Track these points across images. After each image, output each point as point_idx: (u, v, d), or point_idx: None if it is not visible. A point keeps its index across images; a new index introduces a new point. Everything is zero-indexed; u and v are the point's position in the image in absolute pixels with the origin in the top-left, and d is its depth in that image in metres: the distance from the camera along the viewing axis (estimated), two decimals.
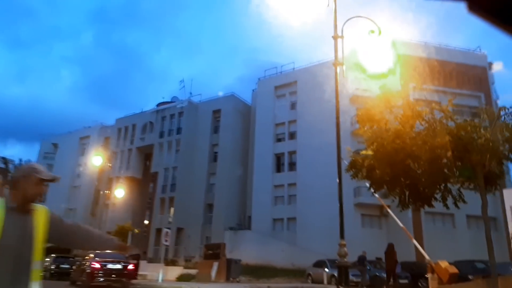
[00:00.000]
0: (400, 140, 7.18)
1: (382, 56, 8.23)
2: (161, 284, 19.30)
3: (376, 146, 7.73)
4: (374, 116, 7.71)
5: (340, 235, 8.42)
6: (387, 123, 7.59)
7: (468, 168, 6.87)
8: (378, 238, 29.11)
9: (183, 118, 41.76)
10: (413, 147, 7.04)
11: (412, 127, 7.30)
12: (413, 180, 8.16)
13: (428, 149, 6.74)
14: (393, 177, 8.05)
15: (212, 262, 22.40)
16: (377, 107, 7.62)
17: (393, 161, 7.49)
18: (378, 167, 7.92)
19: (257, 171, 35.67)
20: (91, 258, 15.47)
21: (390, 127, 7.49)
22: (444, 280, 11.00)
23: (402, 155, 7.24)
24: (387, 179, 8.21)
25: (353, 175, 8.89)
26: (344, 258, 8.29)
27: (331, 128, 33.76)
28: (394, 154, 7.30)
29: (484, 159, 6.90)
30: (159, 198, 40.48)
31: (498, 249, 29.27)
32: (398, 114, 7.45)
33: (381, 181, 8.38)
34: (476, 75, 33.13)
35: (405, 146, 7.22)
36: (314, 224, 29.88)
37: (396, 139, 7.20)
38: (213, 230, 36.55)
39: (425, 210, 28.48)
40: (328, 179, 30.00)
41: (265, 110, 37.25)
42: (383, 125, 7.63)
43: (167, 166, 40.92)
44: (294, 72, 37.22)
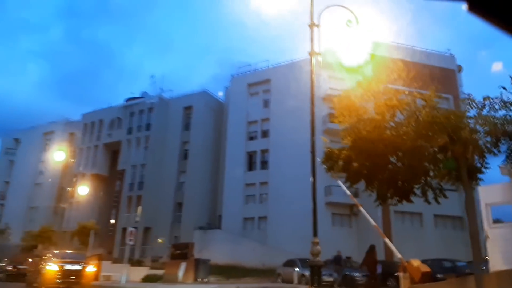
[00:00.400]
0: (379, 130, 6.82)
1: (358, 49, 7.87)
2: (124, 285, 18.42)
3: (354, 136, 7.34)
4: (352, 105, 7.30)
5: (313, 232, 8.00)
6: (366, 112, 7.20)
7: (451, 160, 6.58)
8: (348, 237, 29.22)
9: (153, 114, 40.59)
10: (394, 137, 6.69)
11: (393, 117, 6.94)
12: (392, 173, 7.83)
13: (411, 138, 6.40)
14: (371, 170, 7.70)
15: (180, 262, 21.64)
16: (355, 96, 7.20)
17: (372, 153, 7.12)
18: (355, 159, 7.53)
19: (229, 169, 35.09)
20: (48, 258, 14.45)
21: (369, 116, 7.10)
22: (416, 279, 10.82)
23: (382, 146, 6.88)
24: (365, 172, 7.86)
25: (328, 168, 8.45)
26: (317, 257, 7.89)
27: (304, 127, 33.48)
28: (373, 145, 6.94)
29: (467, 151, 6.65)
30: (126, 196, 39.17)
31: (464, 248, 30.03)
32: (378, 102, 7.08)
33: (358, 174, 8.01)
34: (445, 77, 33.81)
35: (385, 137, 6.87)
36: (286, 223, 29.62)
37: (375, 129, 6.83)
38: (182, 230, 35.69)
39: (394, 209, 29.12)
40: (300, 178, 29.92)
41: (238, 108, 36.71)
42: (362, 114, 7.24)
43: (135, 163, 39.66)
44: (268, 70, 36.87)
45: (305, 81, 32.09)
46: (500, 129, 6.55)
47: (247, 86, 37.30)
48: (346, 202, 29.71)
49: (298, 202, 28.74)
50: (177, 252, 22.88)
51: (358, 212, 30.09)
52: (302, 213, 29.03)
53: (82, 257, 14.28)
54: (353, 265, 20.78)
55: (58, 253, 13.82)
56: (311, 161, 9.15)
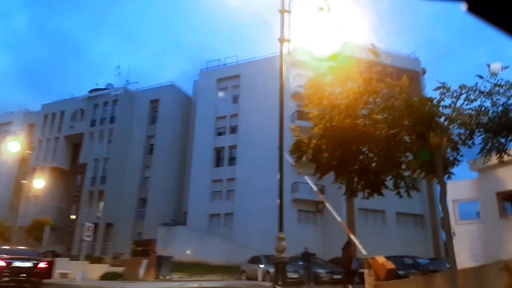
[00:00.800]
0: (352, 118, 6.57)
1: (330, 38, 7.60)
2: (79, 283, 17.52)
3: (325, 124, 7.05)
4: (324, 90, 7.01)
5: (279, 227, 7.72)
6: (338, 99, 6.92)
7: (426, 151, 6.41)
8: (313, 234, 29.38)
9: (117, 107, 39.18)
10: (367, 126, 6.46)
11: (366, 104, 6.71)
12: (364, 165, 7.64)
13: (387, 126, 6.19)
14: (342, 160, 7.46)
15: (141, 259, 20.92)
16: (327, 81, 6.89)
17: (343, 142, 6.87)
18: (325, 149, 7.26)
19: (196, 165, 34.45)
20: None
21: (341, 103, 6.83)
22: (381, 277, 10.77)
23: (354, 135, 6.64)
24: (335, 163, 7.61)
25: (297, 158, 8.15)
26: (282, 253, 7.60)
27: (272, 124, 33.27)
28: (344, 134, 6.68)
29: (442, 141, 6.50)
30: (87, 191, 37.65)
31: (424, 246, 30.87)
32: (351, 89, 6.82)
33: (328, 165, 7.75)
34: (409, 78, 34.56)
35: (358, 125, 6.64)
36: (252, 220, 29.43)
37: (347, 117, 6.57)
38: (146, 226, 34.73)
39: (358, 207, 29.54)
40: (268, 175, 29.77)
41: (206, 103, 36.07)
42: (334, 100, 6.95)
43: (98, 157, 38.18)
44: (238, 65, 36.45)
45: (274, 77, 31.58)
46: (475, 121, 6.47)
47: (216, 81, 36.73)
48: (312, 199, 29.89)
49: (265, 199, 28.60)
50: (139, 249, 22.14)
51: (324, 209, 30.34)
52: (268, 209, 28.92)
53: (33, 253, 13.36)
54: (318, 262, 20.78)
55: (7, 249, 12.85)
56: (278, 157, 8.91)
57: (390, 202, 30.13)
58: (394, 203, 30.51)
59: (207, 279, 22.72)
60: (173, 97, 39.36)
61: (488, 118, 6.45)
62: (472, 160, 8.50)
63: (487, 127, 6.45)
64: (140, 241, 24.87)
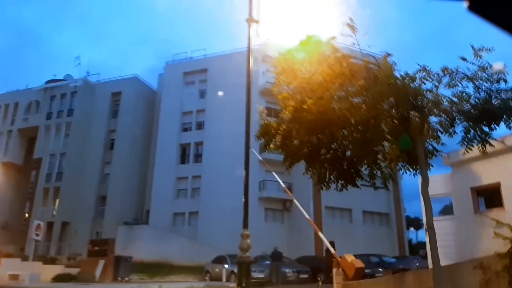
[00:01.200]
0: (325, 100, 5.86)
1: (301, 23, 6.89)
2: (27, 286, 16.09)
3: (295, 106, 6.30)
4: (295, 69, 6.25)
5: (244, 224, 6.95)
6: (310, 79, 6.18)
7: (406, 138, 5.81)
8: (280, 233, 28.90)
9: (76, 99, 37.05)
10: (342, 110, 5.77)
11: (341, 85, 6.01)
12: (337, 153, 6.96)
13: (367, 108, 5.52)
14: (314, 148, 6.75)
15: (98, 260, 19.66)
16: (298, 61, 6.15)
17: (315, 127, 6.16)
18: (296, 134, 6.52)
19: (159, 161, 33.13)
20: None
21: (315, 82, 6.11)
22: (349, 276, 10.24)
23: (327, 119, 5.93)
24: (306, 151, 6.88)
25: (264, 144, 7.37)
26: (246, 252, 6.84)
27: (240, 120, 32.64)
28: (317, 118, 5.97)
29: (423, 127, 5.93)
30: (42, 188, 35.38)
31: (389, 244, 31.08)
32: (325, 68, 6.11)
33: (299, 153, 7.01)
34: None
35: (331, 108, 5.93)
36: (218, 219, 28.57)
37: (320, 99, 5.85)
38: (105, 225, 33.03)
39: (325, 205, 29.33)
40: (235, 172, 28.91)
41: (172, 97, 34.78)
42: (306, 80, 6.20)
43: (54, 152, 35.96)
44: (206, 59, 35.41)
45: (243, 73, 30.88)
46: (456, 107, 5.96)
47: (182, 74, 35.51)
48: (279, 197, 29.43)
49: (231, 197, 27.83)
50: (95, 249, 20.86)
51: (291, 207, 29.95)
52: (235, 208, 27.97)
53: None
54: (285, 261, 20.22)
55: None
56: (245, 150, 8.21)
57: (357, 200, 30.36)
58: (361, 201, 30.76)
59: (169, 280, 21.88)
60: (136, 90, 37.71)
61: (470, 104, 5.97)
62: (446, 154, 8.09)
63: (468, 115, 5.96)
64: (97, 241, 23.52)
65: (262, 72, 32.01)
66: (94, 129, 36.50)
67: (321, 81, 5.72)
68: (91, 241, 23.58)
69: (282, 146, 6.95)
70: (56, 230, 33.86)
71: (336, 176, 7.36)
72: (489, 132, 6.13)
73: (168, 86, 35.67)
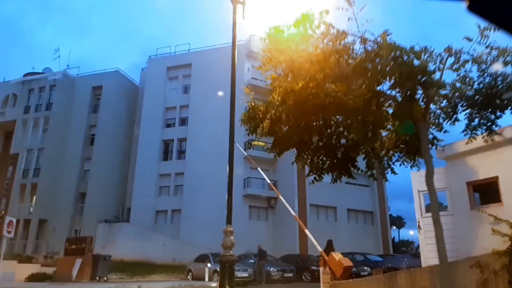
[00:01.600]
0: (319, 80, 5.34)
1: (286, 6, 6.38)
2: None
3: (285, 88, 5.76)
4: (285, 48, 5.69)
5: (227, 219, 6.45)
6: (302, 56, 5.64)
7: (409, 123, 5.35)
8: (264, 230, 28.51)
9: (55, 93, 35.79)
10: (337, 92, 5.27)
11: (337, 64, 5.48)
12: (331, 140, 6.46)
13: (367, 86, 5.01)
14: (305, 134, 6.22)
15: (75, 259, 18.88)
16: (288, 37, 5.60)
17: (307, 112, 5.61)
18: (286, 119, 5.99)
19: (141, 158, 32.29)
20: None
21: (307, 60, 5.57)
22: (337, 275, 9.84)
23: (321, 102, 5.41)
24: (296, 138, 6.34)
25: (251, 130, 6.79)
26: (229, 250, 6.34)
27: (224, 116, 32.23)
28: (309, 101, 5.44)
29: (427, 111, 5.46)
30: (18, 184, 34.11)
31: (374, 242, 30.98)
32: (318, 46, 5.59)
33: (288, 140, 6.47)
34: None
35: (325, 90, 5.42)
36: (201, 216, 27.99)
37: (313, 79, 5.32)
38: (84, 223, 32.05)
39: (310, 203, 29.04)
40: (218, 169, 28.40)
41: (154, 92, 33.95)
42: (297, 58, 5.66)
43: (31, 147, 34.70)
44: (190, 54, 34.68)
45: (228, 68, 30.49)
46: (459, 93, 5.54)
47: (166, 69, 34.71)
48: (264, 195, 29.02)
49: (215, 195, 27.36)
50: (73, 247, 20.00)
51: (275, 205, 29.57)
52: (219, 206, 27.52)
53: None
54: (269, 260, 19.81)
55: None
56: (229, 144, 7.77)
57: (342, 198, 30.20)
58: (346, 199, 30.62)
59: (149, 279, 21.30)
60: (118, 85, 36.66)
61: (474, 90, 5.56)
62: (441, 147, 7.75)
63: (472, 101, 5.54)
64: (74, 239, 22.66)
65: (248, 68, 31.56)
66: (74, 124, 35.37)
67: (314, 59, 5.22)
68: (68, 239, 22.68)
69: (271, 132, 6.37)
70: (33, 228, 32.73)
71: (330, 166, 6.84)
72: (495, 119, 5.75)
73: (151, 80, 34.81)
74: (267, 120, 6.04)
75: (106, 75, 36.87)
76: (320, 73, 5.17)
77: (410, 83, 4.85)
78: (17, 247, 31.85)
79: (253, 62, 31.95)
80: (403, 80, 4.70)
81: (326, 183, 25.15)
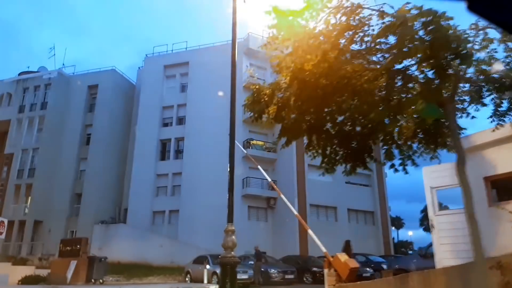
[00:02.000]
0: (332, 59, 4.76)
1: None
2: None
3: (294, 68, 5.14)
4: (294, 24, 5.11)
5: (228, 217, 5.96)
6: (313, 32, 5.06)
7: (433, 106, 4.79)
8: (263, 231, 28.05)
9: (50, 92, 35.22)
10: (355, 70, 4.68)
11: (352, 41, 4.95)
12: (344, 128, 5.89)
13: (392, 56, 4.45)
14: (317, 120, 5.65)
15: (70, 261, 18.33)
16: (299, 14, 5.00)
17: (319, 95, 5.06)
18: (294, 105, 5.32)
19: (138, 158, 31.77)
20: None
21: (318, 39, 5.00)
22: (343, 277, 9.36)
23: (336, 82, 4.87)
24: (307, 125, 5.77)
25: (255, 115, 6.18)
26: (230, 251, 5.84)
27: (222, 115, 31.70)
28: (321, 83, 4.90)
29: (455, 91, 4.93)
30: (13, 184, 33.51)
31: (375, 243, 30.53)
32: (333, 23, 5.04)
33: (298, 127, 5.90)
34: None
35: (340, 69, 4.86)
36: (199, 217, 27.51)
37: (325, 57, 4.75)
38: (80, 224, 31.50)
39: (310, 203, 28.54)
40: (217, 169, 27.98)
41: (151, 91, 33.44)
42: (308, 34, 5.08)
43: (26, 147, 34.11)
44: (187, 52, 34.21)
45: (225, 66, 30.12)
46: (484, 75, 5.05)
47: (163, 68, 34.20)
48: (263, 195, 28.55)
49: (213, 195, 26.92)
50: (67, 249, 19.43)
51: (275, 205, 29.10)
52: (217, 206, 27.05)
53: None
54: (269, 261, 19.34)
55: None
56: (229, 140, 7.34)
57: (342, 198, 29.75)
58: (346, 199, 30.16)
59: (147, 281, 20.88)
60: (114, 83, 36.12)
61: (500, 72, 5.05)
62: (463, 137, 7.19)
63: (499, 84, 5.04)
64: (69, 240, 22.05)
65: (246, 66, 31.09)
66: (69, 124, 34.82)
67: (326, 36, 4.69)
68: (62, 240, 22.10)
69: (277, 118, 5.81)
70: (28, 229, 32.16)
71: (344, 156, 6.25)
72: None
73: (148, 79, 34.30)
74: (273, 106, 5.49)
75: (102, 73, 36.34)
76: (333, 51, 4.65)
77: (443, 52, 4.29)
78: (12, 249, 31.28)
79: (251, 60, 31.56)
80: (435, 49, 4.17)
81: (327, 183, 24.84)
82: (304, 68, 4.78)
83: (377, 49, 4.57)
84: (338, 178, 30.85)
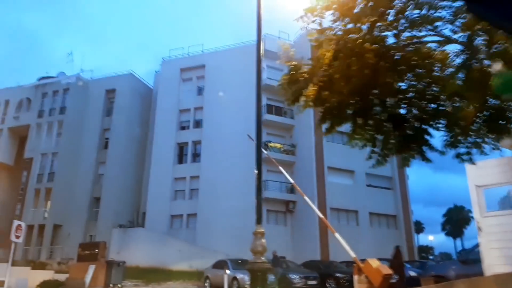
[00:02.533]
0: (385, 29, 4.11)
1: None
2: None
3: (338, 40, 4.28)
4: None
5: (257, 219, 5.50)
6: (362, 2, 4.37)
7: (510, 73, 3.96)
8: (283, 236, 27.46)
9: (68, 96, 35.52)
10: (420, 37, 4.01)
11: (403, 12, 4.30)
12: (398, 110, 5.19)
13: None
14: (365, 103, 4.97)
15: (88, 265, 18.14)
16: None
17: (368, 72, 4.37)
18: (338, 84, 4.59)
19: (156, 161, 31.65)
20: None
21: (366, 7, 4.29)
22: (375, 284, 8.80)
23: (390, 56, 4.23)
24: (353, 108, 5.07)
25: (291, 98, 5.52)
26: (261, 256, 5.35)
27: (240, 117, 31.37)
28: (372, 59, 4.25)
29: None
30: (33, 189, 33.81)
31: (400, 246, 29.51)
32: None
33: (342, 112, 5.20)
34: None
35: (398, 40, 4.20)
36: (218, 220, 27.13)
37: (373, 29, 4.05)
38: (99, 228, 31.50)
39: (330, 206, 27.83)
40: (235, 172, 27.64)
41: (168, 94, 33.36)
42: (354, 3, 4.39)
43: (46, 151, 34.40)
44: (203, 55, 34.03)
45: (242, 68, 30.08)
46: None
47: (179, 71, 34.09)
48: (282, 198, 28.01)
49: (232, 198, 26.56)
50: (85, 253, 19.27)
51: (294, 209, 28.51)
52: (235, 210, 26.85)
53: None
54: (290, 266, 18.73)
55: None
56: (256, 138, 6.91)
57: (363, 201, 28.95)
58: (367, 202, 29.35)
59: (165, 286, 20.53)
60: (132, 87, 36.22)
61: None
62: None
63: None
64: (87, 244, 21.97)
65: (263, 68, 30.70)
66: (88, 128, 35.02)
67: None
68: (81, 244, 22.01)
69: (318, 100, 5.17)
70: (47, 233, 32.33)
71: (397, 145, 5.52)
72: None
73: (165, 83, 34.25)
74: (312, 86, 4.84)
75: (120, 78, 36.48)
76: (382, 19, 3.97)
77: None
78: (32, 253, 31.47)
79: (268, 62, 31.15)
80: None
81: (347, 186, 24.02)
82: (352, 36, 4.15)
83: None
84: (358, 180, 30.29)
